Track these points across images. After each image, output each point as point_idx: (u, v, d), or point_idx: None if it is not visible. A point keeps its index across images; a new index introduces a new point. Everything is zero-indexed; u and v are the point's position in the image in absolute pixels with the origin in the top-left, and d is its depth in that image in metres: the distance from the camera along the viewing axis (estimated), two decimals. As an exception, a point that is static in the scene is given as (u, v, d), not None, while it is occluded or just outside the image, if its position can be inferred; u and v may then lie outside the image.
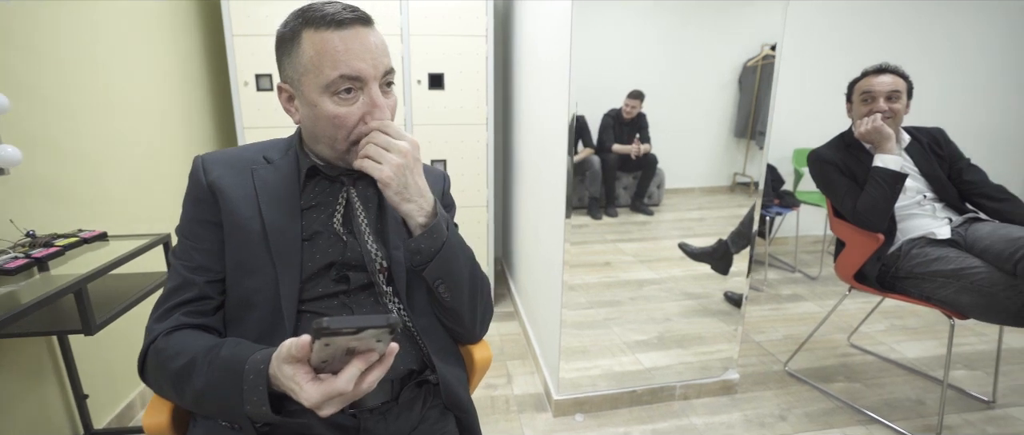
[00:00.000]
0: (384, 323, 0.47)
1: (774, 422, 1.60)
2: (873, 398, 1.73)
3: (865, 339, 2.14)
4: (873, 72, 1.66)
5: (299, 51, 0.66)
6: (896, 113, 1.61)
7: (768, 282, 2.75)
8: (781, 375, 1.86)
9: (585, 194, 1.99)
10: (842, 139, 1.74)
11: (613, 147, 2.01)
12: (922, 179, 1.66)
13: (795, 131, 3.21)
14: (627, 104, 1.83)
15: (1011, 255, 1.29)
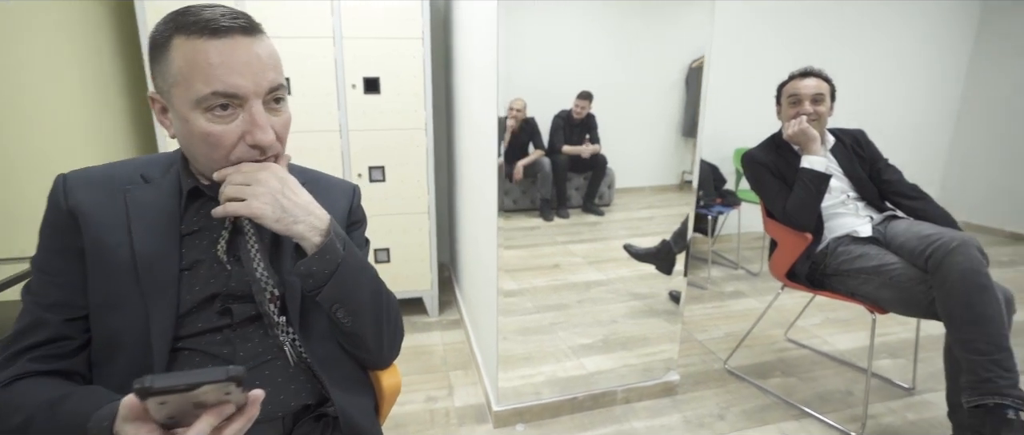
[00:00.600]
0: (223, 377, 0.42)
1: (713, 422, 1.61)
2: (806, 392, 1.78)
3: (801, 333, 2.21)
4: (799, 76, 1.71)
5: (168, 59, 0.59)
6: (821, 115, 1.66)
7: (712, 279, 2.81)
8: (721, 373, 1.89)
9: (537, 196, 1.97)
10: (773, 141, 1.78)
11: (563, 148, 2.00)
12: (846, 179, 1.71)
13: (735, 131, 3.30)
14: (577, 105, 1.82)
15: (922, 252, 1.35)
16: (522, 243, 1.87)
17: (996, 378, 1.19)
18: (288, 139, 0.68)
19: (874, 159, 1.74)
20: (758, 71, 3.30)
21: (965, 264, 1.25)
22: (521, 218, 1.92)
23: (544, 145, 1.69)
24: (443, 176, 2.82)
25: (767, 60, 3.32)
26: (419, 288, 2.33)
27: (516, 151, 1.60)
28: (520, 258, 1.73)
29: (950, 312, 1.28)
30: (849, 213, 1.65)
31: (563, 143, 1.96)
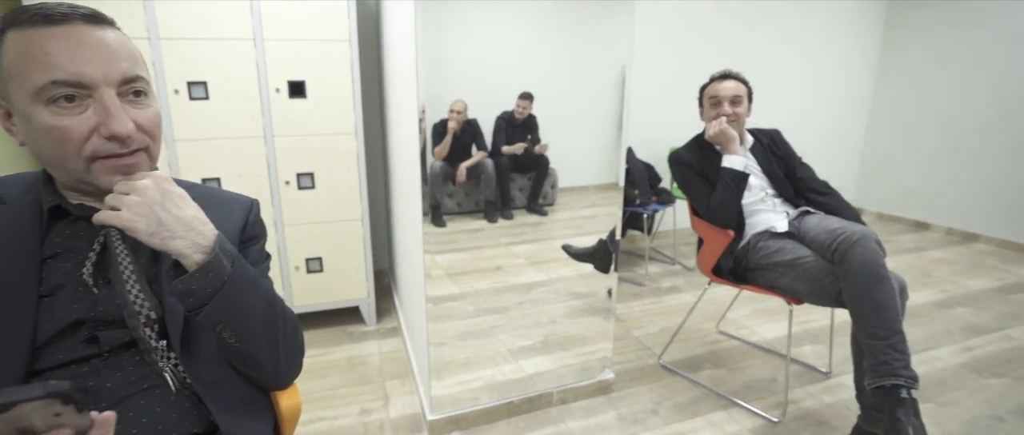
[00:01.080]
0: (42, 393, 0.37)
1: (646, 417, 1.65)
2: (735, 382, 1.85)
3: (732, 325, 2.30)
4: (719, 78, 1.78)
5: (1, 55, 0.54)
6: (739, 116, 1.73)
7: (650, 276, 2.89)
8: (656, 368, 1.93)
9: (481, 198, 1.95)
10: (697, 141, 1.85)
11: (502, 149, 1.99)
12: (764, 177, 1.80)
13: (668, 131, 3.41)
14: (518, 105, 1.81)
15: (829, 245, 1.43)
16: (466, 246, 1.84)
17: (892, 360, 1.28)
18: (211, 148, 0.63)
19: (789, 157, 1.83)
20: (689, 72, 3.42)
21: (864, 256, 1.34)
22: (466, 220, 1.89)
23: (487, 146, 1.68)
24: (379, 181, 2.75)
25: (697, 62, 3.44)
26: (355, 297, 2.26)
27: (459, 153, 1.58)
28: (464, 261, 1.71)
29: (853, 301, 1.36)
30: (767, 210, 1.73)
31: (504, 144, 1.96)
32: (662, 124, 3.41)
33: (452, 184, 1.63)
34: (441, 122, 1.48)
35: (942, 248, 3.57)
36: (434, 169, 1.53)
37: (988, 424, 1.64)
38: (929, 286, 2.83)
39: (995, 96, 3.55)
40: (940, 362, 2.01)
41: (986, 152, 3.63)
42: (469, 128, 1.60)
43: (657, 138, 3.41)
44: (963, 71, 3.71)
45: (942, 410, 1.71)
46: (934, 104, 3.91)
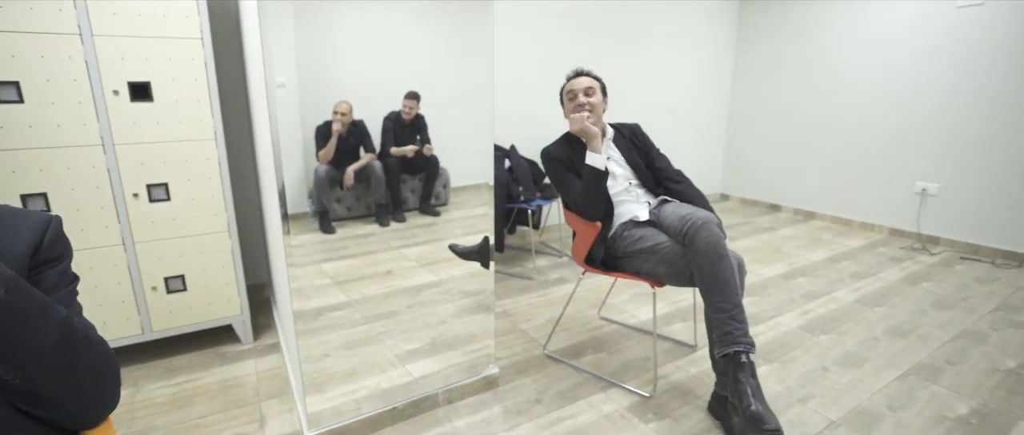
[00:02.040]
0: None
1: (530, 407, 1.71)
2: (614, 364, 1.97)
3: (612, 311, 2.44)
4: (573, 76, 1.92)
5: None
6: (594, 105, 1.85)
7: (538, 269, 2.98)
8: (541, 359, 2.00)
9: (372, 201, 1.88)
10: (566, 136, 1.94)
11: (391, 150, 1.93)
12: (628, 168, 1.93)
13: (550, 129, 3.53)
14: (405, 105, 1.77)
15: (680, 230, 1.57)
16: (356, 252, 1.77)
17: (733, 330, 1.44)
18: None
19: (648, 148, 1.98)
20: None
21: (708, 239, 1.49)
22: (356, 225, 1.82)
23: (375, 148, 1.63)
24: (251, 189, 2.57)
25: (573, 62, 3.61)
26: (227, 314, 2.09)
27: (346, 156, 1.52)
28: (353, 268, 1.64)
29: (700, 279, 1.51)
30: (631, 200, 1.86)
31: (392, 145, 1.91)
32: (543, 122, 3.52)
33: (340, 188, 1.56)
34: (325, 124, 1.42)
35: (790, 226, 4.07)
36: (319, 174, 1.46)
37: (817, 375, 1.90)
38: (779, 261, 3.21)
39: (829, 92, 4.10)
40: (784, 326, 2.29)
41: (822, 141, 4.19)
42: (355, 130, 1.54)
43: (540, 137, 3.52)
44: (803, 70, 4.25)
45: (784, 367, 1.95)
46: (781, 99, 4.44)
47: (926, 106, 3.56)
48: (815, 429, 1.60)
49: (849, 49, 3.91)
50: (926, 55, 3.52)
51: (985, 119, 3.30)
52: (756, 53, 4.57)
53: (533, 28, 3.38)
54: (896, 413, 1.69)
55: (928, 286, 2.82)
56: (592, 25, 3.66)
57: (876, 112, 3.82)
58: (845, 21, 3.91)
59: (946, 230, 3.57)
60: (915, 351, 2.09)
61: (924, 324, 2.34)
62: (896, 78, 3.68)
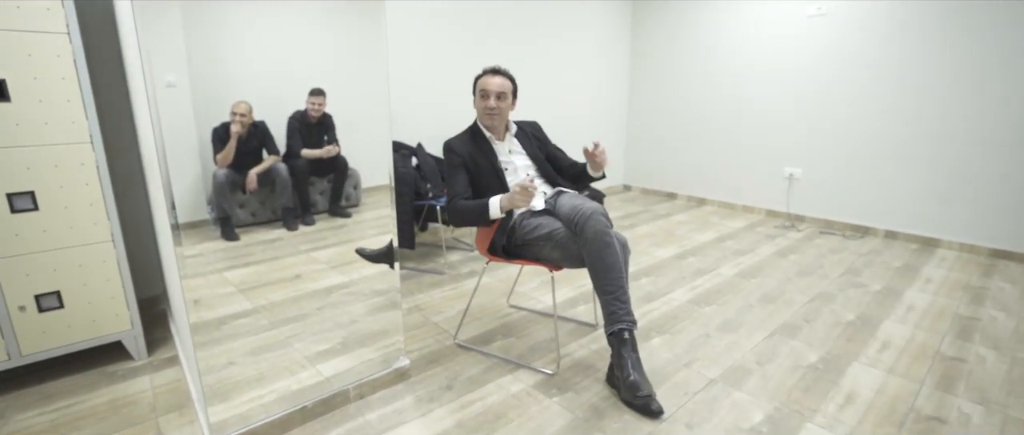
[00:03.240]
0: None
1: (441, 393, 1.77)
2: (522, 347, 2.08)
3: (521, 298, 2.56)
4: (490, 72, 1.97)
5: None
6: (502, 110, 1.94)
7: (450, 264, 3.04)
8: (452, 348, 2.07)
9: (277, 205, 1.83)
10: (470, 130, 2.01)
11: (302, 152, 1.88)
12: (530, 161, 2.05)
13: (456, 126, 3.60)
14: (312, 103, 1.73)
15: (572, 219, 1.71)
16: (262, 258, 1.72)
17: (617, 310, 1.60)
18: None
19: (545, 143, 2.12)
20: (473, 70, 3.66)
21: (595, 228, 1.64)
22: (262, 231, 1.77)
23: (279, 150, 1.59)
24: (139, 196, 2.41)
25: (480, 60, 3.70)
26: (115, 330, 1.96)
27: (248, 159, 1.47)
28: (259, 274, 1.60)
29: (589, 264, 1.65)
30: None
31: (301, 146, 1.86)
32: (450, 119, 3.59)
33: (242, 193, 1.51)
34: (223, 126, 1.37)
35: (684, 212, 4.44)
36: (218, 178, 1.41)
37: (701, 341, 2.13)
38: (673, 243, 3.51)
39: (713, 89, 4.51)
40: (675, 301, 2.53)
41: (709, 134, 4.61)
42: (256, 131, 1.50)
43: (448, 134, 3.58)
44: (690, 69, 4.64)
45: (673, 337, 2.16)
46: (673, 96, 4.81)
47: (789, 102, 4.03)
48: (697, 387, 1.80)
49: (726, 50, 4.34)
50: (785, 57, 3.99)
51: (834, 112, 3.81)
52: (649, 52, 4.92)
53: (437, 26, 3.43)
54: (762, 366, 1.94)
55: (794, 258, 3.22)
56: (495, 23, 3.76)
57: (750, 107, 4.27)
58: (721, 24, 4.33)
59: (809, 209, 4.08)
60: (780, 314, 2.40)
61: (789, 290, 2.69)
62: (764, 77, 4.14)
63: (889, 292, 2.68)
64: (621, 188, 5.39)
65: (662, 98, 4.89)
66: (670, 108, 4.84)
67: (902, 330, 2.26)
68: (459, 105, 3.59)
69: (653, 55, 4.87)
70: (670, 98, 4.82)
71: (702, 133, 4.64)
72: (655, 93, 4.94)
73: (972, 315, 2.42)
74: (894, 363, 1.98)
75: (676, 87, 4.75)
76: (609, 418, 1.63)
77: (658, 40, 4.81)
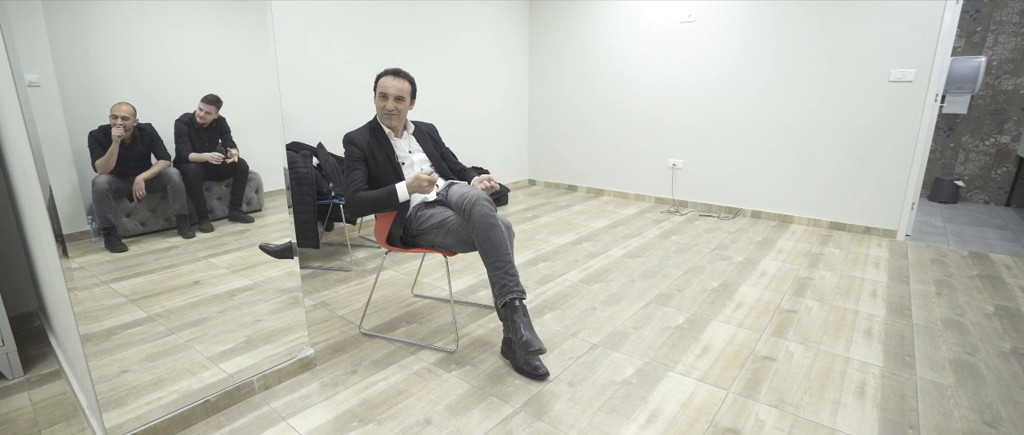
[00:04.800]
0: None
1: (346, 377, 1.86)
2: (425, 331, 2.22)
3: (425, 288, 2.69)
4: (389, 74, 2.03)
5: None
6: (400, 111, 2.04)
7: (356, 261, 3.10)
8: (357, 337, 2.16)
9: (170, 212, 1.79)
10: (371, 126, 2.09)
11: (190, 156, 1.85)
12: (427, 157, 2.18)
13: (355, 124, 3.65)
14: (200, 110, 1.71)
15: (460, 207, 1.87)
16: (155, 267, 1.70)
17: (507, 282, 1.78)
18: None
19: (440, 144, 2.27)
20: (374, 69, 3.72)
21: (481, 212, 1.81)
22: (155, 240, 1.74)
23: (169, 154, 1.56)
24: (4, 207, 2.25)
25: (382, 60, 3.76)
26: (-16, 349, 1.84)
27: (134, 164, 1.43)
28: (152, 283, 1.58)
29: (478, 245, 1.83)
30: None
31: (191, 150, 1.83)
32: (350, 118, 3.63)
33: (129, 201, 1.47)
34: (101, 129, 1.32)
35: (583, 203, 4.77)
36: (99, 185, 1.36)
37: (587, 313, 2.38)
38: (571, 231, 3.79)
39: (605, 86, 4.88)
40: (568, 282, 2.78)
41: (604, 129, 4.98)
42: (143, 135, 1.47)
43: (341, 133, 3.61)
44: (585, 67, 4.97)
45: (564, 312, 2.40)
46: (570, 92, 5.13)
47: (669, 99, 4.48)
48: (581, 352, 2.04)
49: (614, 51, 4.72)
50: (663, 58, 4.43)
51: (707, 108, 4.30)
52: (545, 51, 5.21)
53: (333, 25, 3.45)
54: (638, 330, 2.22)
55: (675, 238, 3.62)
56: (394, 23, 3.84)
57: (637, 104, 4.68)
58: (607, 26, 4.70)
59: (691, 195, 4.56)
60: (658, 286, 2.73)
61: (667, 266, 3.04)
62: (647, 76, 4.56)
63: (748, 262, 3.12)
64: (526, 183, 5.66)
65: (559, 96, 5.20)
66: (567, 105, 5.17)
67: (754, 292, 2.66)
68: (358, 103, 3.63)
69: (549, 54, 5.17)
70: (567, 96, 5.15)
71: (597, 128, 5.00)
72: (553, 91, 5.24)
73: (807, 276, 2.89)
74: (744, 318, 2.34)
75: (571, 85, 5.08)
76: (502, 384, 1.81)
77: (553, 40, 5.11)
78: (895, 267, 3.06)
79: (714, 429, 1.59)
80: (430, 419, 1.63)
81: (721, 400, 1.73)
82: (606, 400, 1.73)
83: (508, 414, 1.65)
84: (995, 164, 4.70)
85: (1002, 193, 4.72)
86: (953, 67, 4.54)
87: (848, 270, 3.00)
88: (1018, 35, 4.41)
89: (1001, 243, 3.57)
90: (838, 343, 2.12)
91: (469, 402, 1.72)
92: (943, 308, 2.49)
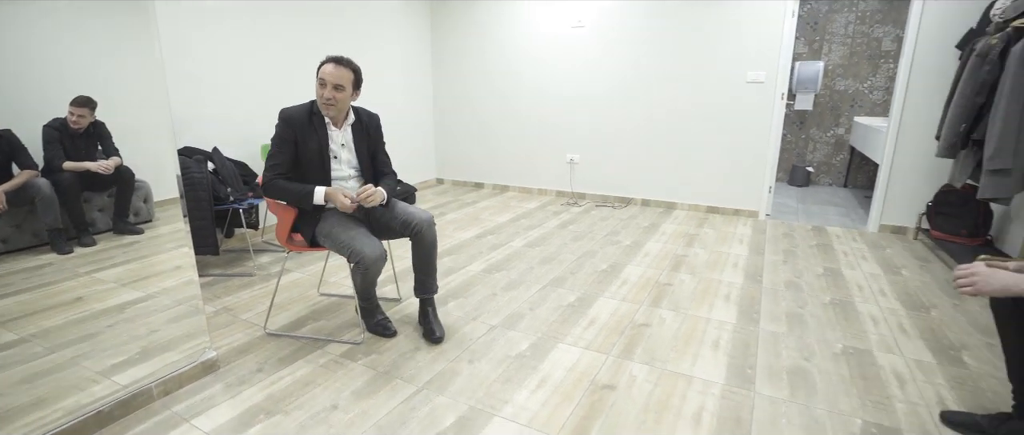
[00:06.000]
0: None
1: (251, 376, 1.90)
2: (331, 326, 2.29)
3: (331, 286, 2.74)
4: (331, 62, 1.95)
5: None
6: (340, 101, 1.96)
7: (260, 266, 3.07)
8: (262, 338, 2.19)
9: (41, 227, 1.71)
10: (310, 108, 2.01)
11: (65, 165, 1.77)
12: (355, 157, 2.14)
13: (260, 128, 3.59)
14: (72, 113, 1.64)
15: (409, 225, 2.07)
16: (24, 287, 1.63)
17: (428, 284, 2.11)
18: None
19: (378, 141, 2.23)
20: (272, 72, 3.66)
21: (432, 238, 2.10)
22: (21, 258, 1.66)
23: (35, 163, 1.48)
24: None
25: (281, 61, 3.71)
26: None
27: None
28: (24, 303, 1.51)
29: (418, 260, 2.11)
30: (345, 186, 2.15)
31: (64, 158, 1.76)
32: (245, 121, 3.55)
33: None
34: None
35: (489, 199, 4.98)
36: None
37: (488, 300, 2.56)
38: (476, 226, 3.97)
39: (507, 87, 5.10)
40: (471, 272, 2.96)
41: (507, 128, 5.21)
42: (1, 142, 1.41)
43: (245, 136, 3.54)
44: (487, 68, 5.17)
45: (466, 300, 2.57)
46: (473, 92, 5.30)
47: (564, 97, 4.80)
48: (480, 333, 2.22)
49: (513, 51, 4.96)
50: (558, 60, 4.74)
51: (599, 106, 4.66)
52: (448, 50, 5.34)
53: (228, 26, 3.36)
54: (533, 310, 2.44)
55: (572, 227, 3.92)
56: (291, 21, 3.79)
57: (536, 103, 4.96)
58: (505, 27, 4.94)
59: (588, 187, 4.92)
60: (554, 271, 2.98)
61: (563, 252, 3.31)
62: (544, 76, 4.85)
63: (635, 245, 3.47)
64: (434, 181, 5.77)
65: (464, 95, 5.37)
66: (471, 105, 5.34)
67: (638, 270, 2.99)
68: (254, 105, 3.56)
69: (452, 54, 5.31)
70: (471, 95, 5.32)
71: (500, 127, 5.23)
72: (457, 91, 5.39)
73: (684, 254, 3.29)
74: (627, 294, 2.65)
75: (475, 85, 5.26)
76: (406, 368, 1.95)
77: (455, 41, 5.25)
78: (755, 242, 3.56)
79: (594, 387, 1.83)
80: (337, 405, 1.73)
81: (602, 363, 1.99)
82: (502, 372, 1.92)
83: (411, 393, 1.79)
84: (835, 152, 5.53)
85: (841, 176, 5.56)
86: (800, 70, 5.28)
87: (718, 247, 3.44)
88: (844, 44, 5.22)
89: (837, 217, 4.25)
90: (702, 308, 2.48)
91: (375, 386, 1.83)
92: (786, 272, 2.96)
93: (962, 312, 2.44)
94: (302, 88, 3.80)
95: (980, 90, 2.62)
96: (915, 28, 3.44)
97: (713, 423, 1.64)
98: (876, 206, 3.82)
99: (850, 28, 5.17)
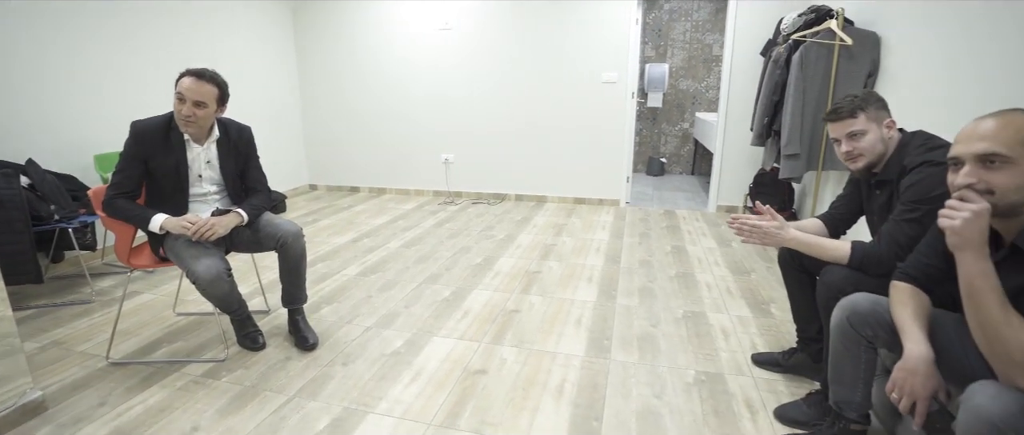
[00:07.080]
0: None
1: (92, 411, 1.72)
2: (190, 347, 2.14)
3: (189, 305, 2.55)
4: (191, 75, 1.85)
5: None
6: (201, 118, 1.86)
7: (101, 291, 2.75)
8: (105, 369, 1.98)
9: None
10: (169, 122, 1.89)
11: None
12: (219, 175, 2.02)
13: (94, 138, 3.19)
14: None
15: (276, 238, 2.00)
16: None
17: (297, 293, 2.14)
18: None
19: (248, 156, 2.10)
20: (112, 75, 3.26)
21: (300, 250, 2.06)
22: None
23: None
24: None
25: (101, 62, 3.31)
26: None
27: None
28: None
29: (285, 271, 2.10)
30: (203, 203, 2.01)
31: None
32: (81, 127, 3.15)
33: None
34: None
35: (365, 203, 4.89)
36: None
37: (363, 301, 2.56)
38: (352, 230, 3.90)
39: (378, 90, 5.03)
40: (346, 276, 2.92)
41: (380, 131, 5.14)
42: None
43: (78, 145, 3.14)
44: (356, 71, 5.05)
45: (342, 304, 2.54)
46: (343, 96, 5.15)
47: (437, 98, 4.87)
48: (356, 334, 2.22)
49: (383, 52, 4.91)
50: (428, 61, 4.80)
51: (470, 105, 4.80)
52: (316, 52, 5.13)
53: (54, 27, 2.93)
54: (409, 308, 2.49)
55: (449, 225, 4.01)
56: (130, 21, 3.41)
57: (409, 103, 4.97)
58: (373, 27, 4.87)
59: (464, 185, 5.04)
60: (430, 268, 3.04)
61: (439, 250, 3.39)
62: (415, 77, 4.88)
63: (508, 238, 3.65)
64: (306, 188, 5.52)
65: (335, 98, 5.19)
66: (344, 107, 5.19)
67: (510, 262, 3.16)
68: (74, 113, 3.16)
69: (320, 56, 5.11)
70: (342, 98, 5.17)
71: (374, 129, 5.15)
72: (327, 93, 5.20)
73: (553, 243, 3.54)
74: (499, 284, 2.79)
75: (347, 87, 5.12)
76: (275, 378, 1.90)
77: (323, 42, 5.06)
78: (615, 227, 3.92)
79: (466, 373, 1.94)
80: (198, 426, 1.64)
81: (474, 350, 2.10)
82: (376, 371, 1.95)
83: (281, 403, 1.76)
84: (682, 144, 6.25)
85: (689, 165, 6.30)
86: (650, 71, 5.88)
87: (583, 234, 3.74)
88: (684, 49, 5.92)
89: (684, 201, 4.82)
90: (567, 291, 2.70)
91: (241, 402, 1.76)
92: (641, 252, 3.32)
93: (772, 273, 2.93)
94: (146, 89, 3.43)
95: (775, 90, 3.16)
96: (731, 37, 4.03)
97: (573, 392, 1.83)
98: (713, 189, 4.41)
99: (687, 35, 5.86)
